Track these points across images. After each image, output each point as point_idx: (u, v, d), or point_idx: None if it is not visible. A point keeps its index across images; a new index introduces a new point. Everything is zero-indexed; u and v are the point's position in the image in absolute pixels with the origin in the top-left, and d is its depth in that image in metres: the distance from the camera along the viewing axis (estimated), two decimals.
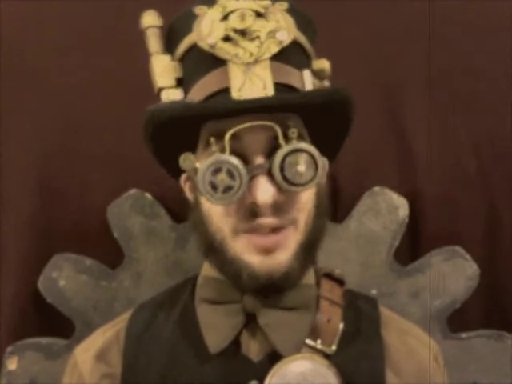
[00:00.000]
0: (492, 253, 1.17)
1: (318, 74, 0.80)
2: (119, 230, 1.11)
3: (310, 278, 0.83)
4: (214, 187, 0.71)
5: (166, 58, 0.78)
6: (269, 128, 0.72)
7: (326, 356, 0.78)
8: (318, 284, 0.84)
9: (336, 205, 1.13)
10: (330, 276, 0.85)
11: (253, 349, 0.79)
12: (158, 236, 1.11)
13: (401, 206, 1.12)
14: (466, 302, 1.11)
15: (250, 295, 0.78)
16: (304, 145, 0.73)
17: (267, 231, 0.74)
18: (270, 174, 0.72)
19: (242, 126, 0.71)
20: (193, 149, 0.78)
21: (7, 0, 1.13)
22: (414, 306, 1.11)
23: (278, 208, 0.74)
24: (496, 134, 1.17)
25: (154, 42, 0.79)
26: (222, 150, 0.72)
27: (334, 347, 0.78)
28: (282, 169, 0.72)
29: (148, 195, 1.12)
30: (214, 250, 0.77)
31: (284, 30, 0.75)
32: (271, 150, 0.73)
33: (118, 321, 0.87)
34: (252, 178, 0.72)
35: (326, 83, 0.81)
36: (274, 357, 0.77)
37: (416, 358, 0.84)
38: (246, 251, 0.75)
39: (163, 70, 0.77)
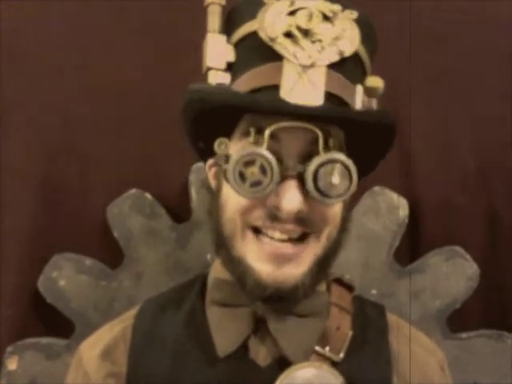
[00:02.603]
0: (492, 253, 1.17)
1: (369, 91, 0.78)
2: (119, 230, 1.11)
3: (321, 284, 0.82)
4: (242, 178, 0.70)
5: (222, 38, 0.76)
6: (309, 132, 0.71)
7: (334, 363, 0.77)
8: (328, 289, 0.83)
9: None
10: (339, 281, 0.85)
11: (261, 354, 0.78)
12: (157, 236, 1.11)
13: (401, 206, 1.12)
14: (466, 301, 1.11)
15: (261, 302, 0.77)
16: (342, 157, 0.70)
17: (284, 238, 0.72)
18: (300, 180, 0.70)
19: (284, 125, 0.70)
20: (228, 134, 0.76)
21: (7, 0, 1.13)
22: (413, 306, 1.11)
23: (301, 218, 0.72)
24: (496, 134, 1.17)
25: (212, 20, 0.76)
26: (259, 144, 0.70)
27: (341, 355, 0.78)
28: (315, 177, 0.70)
29: (148, 195, 1.12)
30: (222, 244, 0.76)
31: (348, 40, 0.73)
32: (307, 155, 0.71)
33: (125, 317, 0.86)
34: (282, 179, 0.70)
35: (374, 102, 0.79)
36: (281, 362, 0.76)
37: (421, 365, 0.83)
38: (255, 257, 0.73)
39: (216, 50, 0.75)
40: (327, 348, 0.77)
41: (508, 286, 1.17)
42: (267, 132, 0.70)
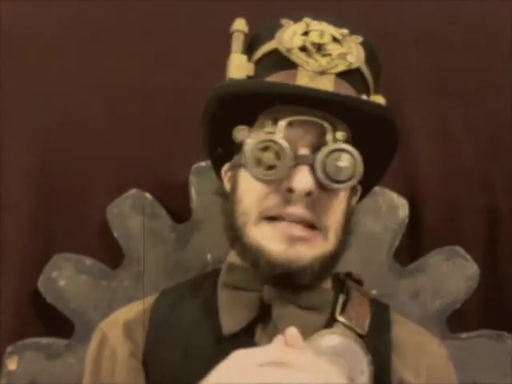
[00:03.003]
0: (492, 253, 1.17)
1: None
2: (119, 230, 1.11)
3: (327, 282, 0.87)
4: (258, 163, 0.77)
5: (244, 57, 0.85)
6: (319, 126, 0.78)
7: (359, 335, 0.80)
8: (333, 287, 0.87)
9: None
10: (350, 276, 0.90)
11: (264, 340, 0.80)
12: (157, 236, 1.11)
13: (401, 206, 1.12)
14: (465, 301, 1.11)
15: (269, 286, 0.81)
16: (349, 147, 0.77)
17: (296, 222, 0.77)
18: (312, 168, 0.77)
19: (297, 118, 0.78)
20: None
21: (7, 0, 1.13)
22: (413, 306, 1.11)
23: (311, 204, 0.77)
24: (496, 133, 1.17)
25: (236, 44, 0.86)
26: (274, 133, 0.77)
27: (365, 328, 0.81)
28: (324, 163, 0.76)
29: (148, 195, 1.12)
30: (236, 236, 0.81)
31: (354, 56, 0.81)
32: (317, 146, 0.78)
33: (142, 302, 0.89)
34: (295, 166, 0.77)
35: None
36: None
37: (427, 353, 0.86)
38: (267, 238, 0.78)
39: (238, 65, 0.84)
40: (352, 321, 0.81)
41: (508, 285, 1.17)
42: (281, 123, 0.77)
